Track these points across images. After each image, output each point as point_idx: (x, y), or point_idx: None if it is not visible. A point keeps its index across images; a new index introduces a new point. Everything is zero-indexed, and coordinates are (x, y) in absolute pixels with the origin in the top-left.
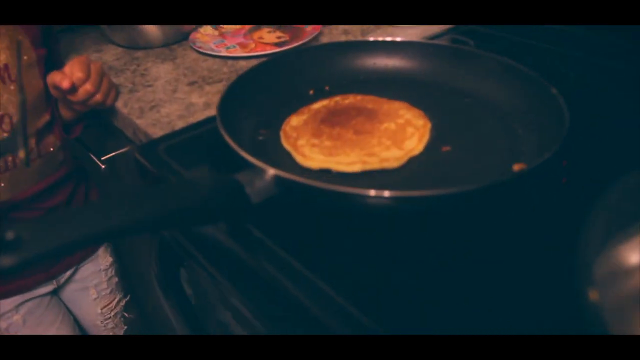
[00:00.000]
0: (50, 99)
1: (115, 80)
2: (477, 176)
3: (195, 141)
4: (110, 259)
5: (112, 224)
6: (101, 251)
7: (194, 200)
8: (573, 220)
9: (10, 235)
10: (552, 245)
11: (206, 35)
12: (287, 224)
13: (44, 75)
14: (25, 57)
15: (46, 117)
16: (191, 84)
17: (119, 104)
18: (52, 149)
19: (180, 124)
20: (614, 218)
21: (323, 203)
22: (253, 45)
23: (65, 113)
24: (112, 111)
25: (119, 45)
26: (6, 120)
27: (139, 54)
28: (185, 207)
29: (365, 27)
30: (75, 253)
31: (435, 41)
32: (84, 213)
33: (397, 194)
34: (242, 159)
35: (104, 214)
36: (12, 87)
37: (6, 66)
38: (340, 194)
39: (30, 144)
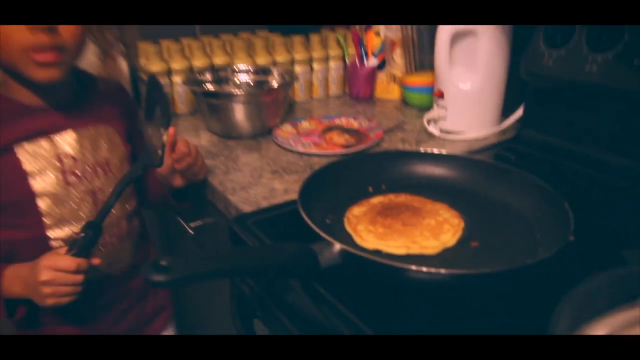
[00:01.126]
0: (134, 188)
1: (210, 162)
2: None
3: (277, 218)
4: None
5: (226, 265)
6: None
7: (280, 260)
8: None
9: (163, 262)
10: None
11: (286, 132)
12: (348, 286)
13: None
14: (119, 154)
15: (133, 203)
16: (273, 172)
17: (215, 182)
18: (134, 231)
19: (264, 204)
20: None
21: (375, 273)
22: (325, 145)
23: (177, 181)
24: (208, 187)
25: (215, 134)
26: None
27: (231, 142)
28: (274, 263)
29: (420, 136)
30: (202, 282)
31: (477, 156)
32: (209, 257)
33: (431, 270)
34: (316, 234)
35: (223, 259)
36: (112, 179)
37: (107, 161)
38: (388, 267)
39: (121, 224)
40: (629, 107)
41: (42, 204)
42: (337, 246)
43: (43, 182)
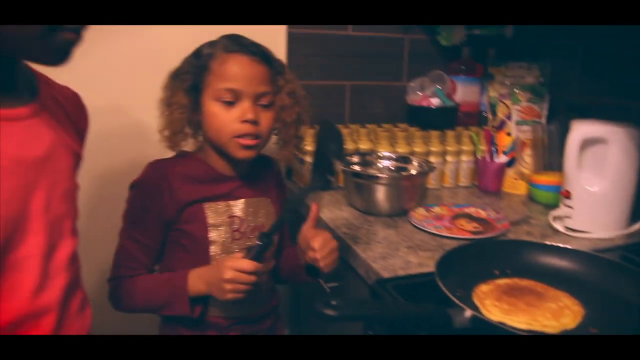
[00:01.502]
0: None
1: (352, 233)
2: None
3: (413, 285)
4: None
5: (381, 312)
6: None
7: (421, 315)
8: None
9: (334, 301)
10: None
11: (420, 214)
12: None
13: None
14: (272, 221)
15: (272, 262)
16: (409, 247)
17: (359, 250)
18: (268, 286)
19: (401, 272)
20: None
21: (501, 339)
22: (455, 230)
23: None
24: (350, 254)
25: (356, 209)
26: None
27: (371, 218)
28: (416, 317)
29: (544, 231)
30: (358, 321)
31: (603, 255)
32: (367, 302)
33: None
34: (449, 302)
35: (379, 306)
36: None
37: (262, 225)
38: (514, 335)
39: (262, 278)
40: None
41: (213, 249)
42: (469, 313)
43: (217, 233)
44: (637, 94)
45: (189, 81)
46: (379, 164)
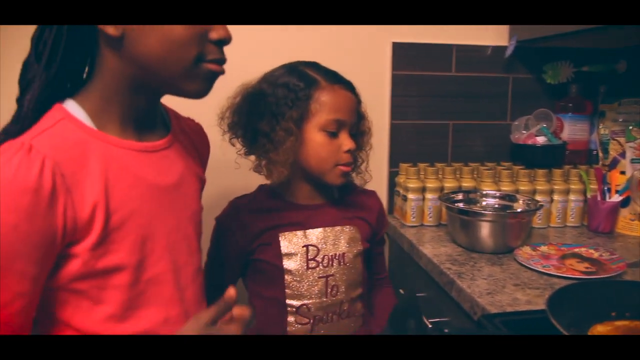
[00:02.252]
0: (363, 280)
1: (456, 269)
2: None
3: (521, 321)
4: None
5: None
6: None
7: None
8: None
9: (446, 330)
10: None
11: (526, 253)
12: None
13: (363, 262)
14: (355, 250)
15: (359, 290)
16: (515, 284)
17: (464, 285)
18: (357, 314)
19: (509, 309)
20: None
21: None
22: (564, 269)
23: None
24: (454, 289)
25: (459, 245)
26: (335, 289)
27: (475, 255)
28: None
29: None
30: None
31: None
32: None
33: None
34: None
35: None
36: (345, 269)
37: (343, 254)
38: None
39: (343, 306)
40: None
41: (288, 278)
42: None
43: (291, 262)
44: None
45: (295, 110)
46: (483, 202)
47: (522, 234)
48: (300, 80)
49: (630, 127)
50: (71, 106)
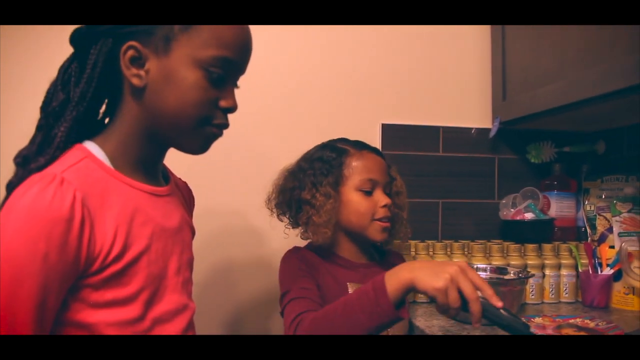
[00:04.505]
0: None
1: None
2: None
3: None
4: None
5: None
6: None
7: None
8: None
9: None
10: None
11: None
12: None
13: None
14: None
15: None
16: None
17: None
18: None
19: None
20: None
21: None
22: None
23: None
24: None
25: (453, 319)
26: None
27: (468, 327)
28: None
29: None
30: None
31: None
32: None
33: None
34: None
35: None
36: (400, 328)
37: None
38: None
39: None
40: None
41: None
42: None
43: None
44: None
45: (331, 176)
46: None
47: (515, 304)
48: (332, 152)
49: (615, 202)
50: (92, 147)
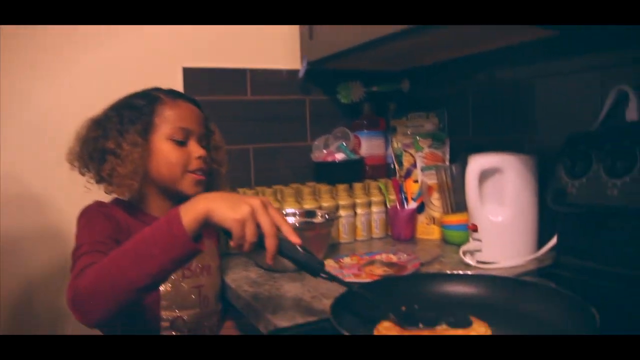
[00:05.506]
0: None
1: (256, 290)
2: None
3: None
4: None
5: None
6: None
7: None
8: None
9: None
10: None
11: (329, 266)
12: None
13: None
14: (216, 262)
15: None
16: (313, 297)
17: (258, 305)
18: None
19: (301, 320)
20: None
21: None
22: (364, 275)
23: None
24: (251, 309)
25: (262, 268)
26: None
27: (277, 275)
28: None
29: (456, 268)
30: None
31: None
32: None
33: None
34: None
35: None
36: (212, 279)
37: (209, 265)
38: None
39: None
40: None
41: (162, 288)
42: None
43: None
44: (522, 129)
45: (140, 124)
46: None
47: (322, 247)
48: (142, 99)
49: (418, 138)
50: None
